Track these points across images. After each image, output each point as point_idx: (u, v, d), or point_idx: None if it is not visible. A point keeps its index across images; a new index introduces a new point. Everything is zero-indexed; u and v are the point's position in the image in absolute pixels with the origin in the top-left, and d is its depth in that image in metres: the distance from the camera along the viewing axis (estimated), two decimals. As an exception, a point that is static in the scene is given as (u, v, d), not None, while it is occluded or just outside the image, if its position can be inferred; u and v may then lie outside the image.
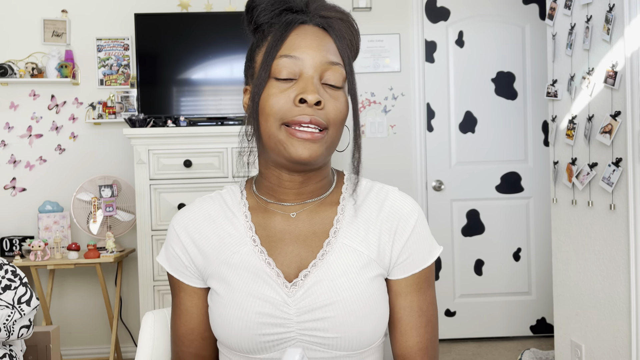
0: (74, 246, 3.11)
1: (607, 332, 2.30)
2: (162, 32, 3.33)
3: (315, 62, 0.88)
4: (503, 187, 3.63)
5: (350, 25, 0.95)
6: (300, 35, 0.90)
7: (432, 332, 0.97)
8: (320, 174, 0.96)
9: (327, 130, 0.89)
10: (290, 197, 0.95)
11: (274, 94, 0.87)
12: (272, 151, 0.90)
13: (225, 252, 0.95)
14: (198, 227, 0.98)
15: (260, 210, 0.97)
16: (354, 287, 0.91)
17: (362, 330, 0.90)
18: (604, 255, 2.30)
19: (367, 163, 3.58)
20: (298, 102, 0.86)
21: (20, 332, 1.66)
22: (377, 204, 0.97)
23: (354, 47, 0.97)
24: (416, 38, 3.57)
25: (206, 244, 0.97)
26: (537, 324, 3.65)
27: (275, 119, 0.87)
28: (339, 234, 0.94)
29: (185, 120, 3.18)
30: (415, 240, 0.96)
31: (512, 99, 3.61)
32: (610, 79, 2.19)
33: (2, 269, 1.69)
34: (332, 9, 0.94)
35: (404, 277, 0.95)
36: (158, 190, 3.07)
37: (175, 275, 0.99)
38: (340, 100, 0.90)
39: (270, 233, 0.95)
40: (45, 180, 3.50)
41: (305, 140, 0.86)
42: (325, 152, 0.90)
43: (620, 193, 2.17)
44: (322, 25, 0.92)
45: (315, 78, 0.88)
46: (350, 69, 0.92)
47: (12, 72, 3.39)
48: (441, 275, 3.64)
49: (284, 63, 0.88)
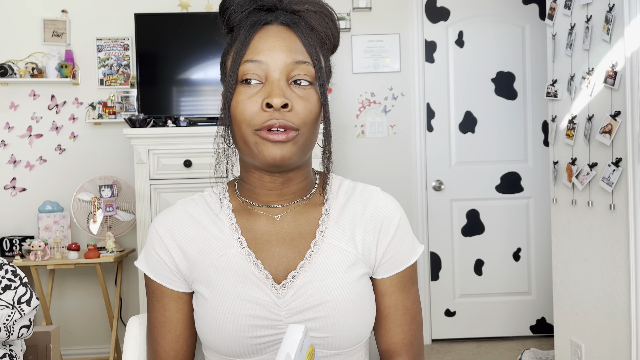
0: (74, 246, 3.11)
1: (607, 332, 2.30)
2: (162, 32, 3.33)
3: (279, 63, 0.87)
4: (503, 187, 3.63)
5: (324, 15, 0.92)
6: (263, 37, 0.88)
7: (417, 329, 0.99)
8: (301, 175, 0.95)
9: (299, 130, 0.87)
10: (273, 198, 0.95)
11: (242, 101, 0.87)
12: (247, 155, 0.90)
13: (212, 255, 0.93)
14: (182, 229, 0.95)
15: (244, 213, 0.96)
16: (343, 286, 0.91)
17: (352, 328, 0.90)
18: (604, 255, 2.30)
19: (367, 163, 3.58)
20: (265, 107, 0.85)
21: (20, 332, 1.66)
22: (361, 203, 0.98)
23: (330, 38, 0.94)
24: (416, 38, 3.58)
25: (191, 247, 0.94)
26: (537, 324, 3.65)
27: (247, 125, 0.86)
28: (325, 234, 0.94)
29: (185, 120, 3.18)
30: (399, 240, 0.97)
31: (512, 99, 3.61)
32: (610, 79, 2.19)
33: (2, 269, 1.69)
34: (307, 1, 0.91)
35: (389, 276, 0.96)
36: (158, 190, 3.07)
37: (158, 280, 0.95)
38: (311, 100, 0.88)
39: (256, 235, 0.94)
40: (45, 180, 3.50)
41: (277, 142, 0.85)
42: (299, 152, 0.88)
43: (620, 193, 2.17)
44: (287, 24, 0.89)
45: (282, 80, 0.86)
46: (319, 65, 0.89)
47: (12, 72, 3.39)
48: (441, 275, 3.64)
49: (249, 68, 0.87)
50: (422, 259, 3.62)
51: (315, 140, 0.92)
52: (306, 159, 0.94)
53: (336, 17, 0.95)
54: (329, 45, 0.95)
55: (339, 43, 0.97)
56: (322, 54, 0.92)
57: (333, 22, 0.93)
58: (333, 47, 0.96)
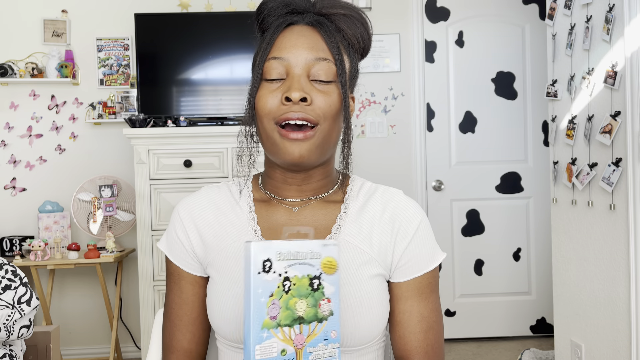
0: (74, 246, 3.11)
1: (607, 332, 2.30)
2: (162, 32, 3.33)
3: (300, 60, 0.89)
4: (503, 187, 3.63)
5: (354, 18, 0.95)
6: (287, 36, 0.91)
7: (434, 338, 0.96)
8: (322, 172, 0.97)
9: (318, 126, 0.89)
10: (293, 193, 0.97)
11: (264, 95, 0.90)
12: (269, 152, 0.93)
13: (226, 240, 0.96)
14: (202, 213, 0.99)
15: (263, 204, 0.98)
16: (352, 283, 0.91)
17: (358, 326, 0.90)
18: (604, 255, 2.30)
19: (367, 163, 3.58)
20: (285, 101, 0.88)
21: (20, 332, 1.66)
22: (381, 204, 0.98)
23: (359, 41, 0.96)
24: (416, 38, 3.58)
25: (208, 231, 0.97)
26: (537, 324, 3.65)
27: (268, 119, 0.89)
28: (341, 231, 0.95)
29: (185, 120, 3.18)
30: (418, 244, 0.96)
31: (512, 99, 3.61)
32: (610, 79, 2.19)
33: (2, 269, 1.69)
34: (338, 5, 0.95)
35: (405, 281, 0.95)
36: (158, 190, 3.07)
37: (176, 262, 0.99)
38: (332, 95, 0.90)
39: (272, 225, 0.96)
40: (45, 180, 3.50)
41: (296, 140, 0.88)
42: (318, 150, 0.90)
43: (620, 193, 2.17)
44: (312, 24, 0.93)
45: (302, 76, 0.89)
46: (340, 63, 0.91)
47: (12, 72, 3.39)
48: (441, 275, 3.64)
49: (272, 65, 0.90)
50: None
51: (336, 138, 0.94)
52: (327, 157, 0.95)
53: (369, 22, 0.97)
54: (357, 47, 0.97)
55: (371, 47, 0.99)
56: (348, 54, 0.95)
57: (364, 26, 0.96)
58: (363, 50, 0.99)
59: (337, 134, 0.94)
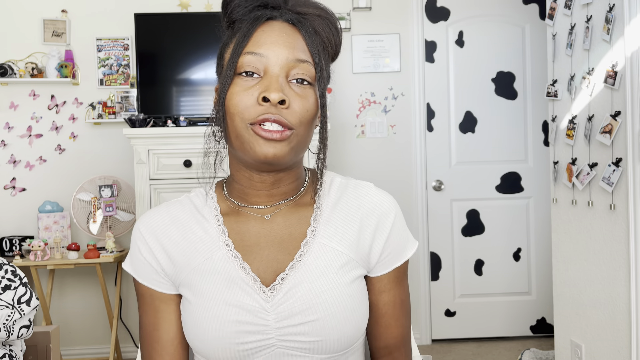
0: (73, 246, 3.11)
1: (607, 332, 2.30)
2: (162, 32, 3.33)
3: (280, 59, 0.84)
4: (503, 187, 3.63)
5: (329, 22, 0.91)
6: (267, 31, 0.86)
7: (409, 319, 1.00)
8: (292, 175, 0.92)
9: (294, 129, 0.84)
10: (262, 199, 0.92)
11: (237, 92, 0.84)
12: (239, 151, 0.87)
13: (197, 258, 0.91)
14: (166, 231, 0.93)
15: (232, 214, 0.93)
16: (333, 288, 0.88)
17: (343, 332, 0.88)
18: (604, 255, 2.30)
19: (367, 163, 3.58)
20: (261, 101, 0.82)
21: (20, 332, 1.66)
22: (355, 200, 0.95)
23: (332, 45, 0.92)
24: (416, 38, 3.57)
25: (176, 250, 0.92)
26: (537, 324, 3.65)
27: (241, 118, 0.83)
28: (316, 233, 0.91)
29: (185, 120, 3.18)
30: (396, 235, 0.95)
31: (512, 99, 3.61)
32: (610, 78, 2.19)
33: (2, 269, 1.69)
34: (312, 5, 0.90)
35: (386, 273, 0.95)
36: (158, 190, 3.07)
37: (146, 283, 0.93)
38: (309, 99, 0.86)
39: (245, 237, 0.91)
40: (45, 180, 3.50)
41: (270, 140, 0.83)
42: (292, 152, 0.86)
43: (620, 193, 2.17)
44: (292, 21, 0.88)
45: (281, 76, 0.84)
46: (320, 67, 0.87)
47: (12, 72, 3.39)
48: (441, 275, 3.64)
49: (248, 60, 0.84)
50: (422, 259, 3.62)
51: (309, 141, 0.90)
52: (298, 159, 0.91)
53: (339, 26, 0.94)
54: (330, 51, 0.93)
55: (340, 51, 0.96)
56: (324, 57, 0.91)
57: (336, 30, 0.92)
58: (334, 54, 0.95)
59: (310, 137, 0.90)
